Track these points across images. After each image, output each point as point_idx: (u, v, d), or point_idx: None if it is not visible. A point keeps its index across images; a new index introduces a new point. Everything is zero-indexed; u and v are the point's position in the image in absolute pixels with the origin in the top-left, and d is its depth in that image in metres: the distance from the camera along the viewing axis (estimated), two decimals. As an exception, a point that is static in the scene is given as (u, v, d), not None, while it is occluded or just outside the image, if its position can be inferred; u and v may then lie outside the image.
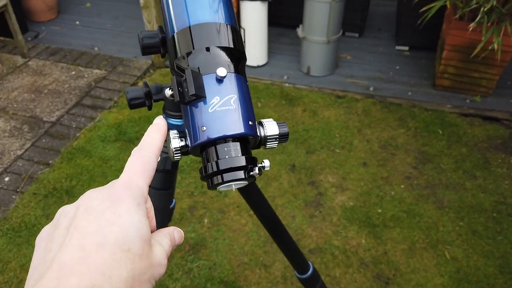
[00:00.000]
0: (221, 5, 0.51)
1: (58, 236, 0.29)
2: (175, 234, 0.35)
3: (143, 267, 0.29)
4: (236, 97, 0.45)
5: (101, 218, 0.29)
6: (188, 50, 0.47)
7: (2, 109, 2.42)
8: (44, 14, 3.31)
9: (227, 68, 0.46)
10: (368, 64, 2.87)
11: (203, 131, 0.43)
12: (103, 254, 0.27)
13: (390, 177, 2.05)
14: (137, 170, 0.33)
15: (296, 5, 3.00)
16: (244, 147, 0.44)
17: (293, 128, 2.31)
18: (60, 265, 0.27)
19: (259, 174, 0.44)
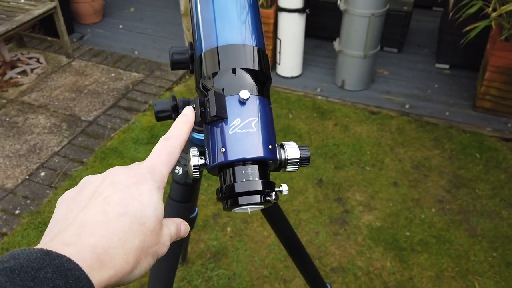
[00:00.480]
0: (250, 27, 0.51)
1: (82, 199, 0.32)
2: (182, 226, 0.38)
3: (152, 241, 0.32)
4: (258, 120, 0.45)
5: (125, 191, 0.32)
6: (214, 71, 0.47)
7: (44, 106, 2.53)
8: (90, 17, 3.45)
9: (251, 90, 0.45)
10: (405, 80, 2.80)
11: (222, 152, 0.43)
12: (122, 222, 0.30)
13: (421, 199, 1.97)
14: (162, 159, 0.36)
15: (334, 18, 2.98)
16: (262, 170, 0.44)
17: (322, 142, 2.28)
18: (81, 223, 0.29)
19: (276, 200, 0.43)
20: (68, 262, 0.25)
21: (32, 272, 0.23)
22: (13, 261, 0.23)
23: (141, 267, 0.31)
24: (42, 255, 0.24)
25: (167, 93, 2.69)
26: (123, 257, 0.29)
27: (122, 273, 0.29)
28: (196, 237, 1.79)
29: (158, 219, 0.32)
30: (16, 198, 1.96)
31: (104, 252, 0.28)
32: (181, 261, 1.68)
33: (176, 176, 0.71)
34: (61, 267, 0.24)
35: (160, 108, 0.64)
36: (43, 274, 0.23)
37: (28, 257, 0.24)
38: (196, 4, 0.52)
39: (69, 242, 0.27)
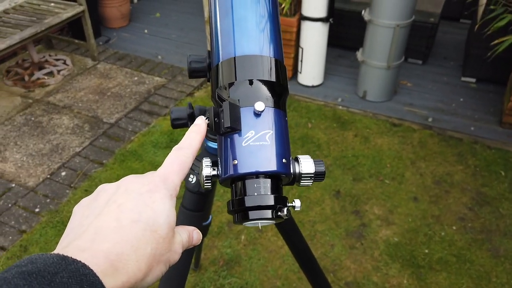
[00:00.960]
0: (268, 38, 0.50)
1: (97, 206, 0.33)
2: (194, 234, 0.39)
3: (164, 249, 0.32)
4: (272, 132, 0.44)
5: (139, 199, 0.32)
6: (231, 81, 0.46)
7: (68, 107, 2.59)
8: (117, 21, 3.53)
9: (267, 102, 0.45)
10: (429, 93, 2.74)
11: (234, 165, 0.43)
12: (135, 229, 0.30)
13: (442, 216, 1.92)
14: (175, 168, 0.37)
15: (358, 28, 2.95)
16: (275, 185, 0.43)
17: (341, 153, 2.25)
18: (96, 229, 0.30)
19: (287, 216, 0.42)
20: (84, 268, 0.25)
21: (48, 276, 0.23)
22: (30, 265, 0.24)
23: (153, 274, 0.31)
24: (58, 260, 0.25)
25: (188, 98, 2.72)
26: (136, 264, 0.29)
27: (134, 279, 0.29)
28: (210, 244, 1.78)
29: (170, 227, 0.33)
30: (37, 196, 2.00)
31: (118, 258, 0.28)
32: (194, 267, 1.67)
33: (190, 185, 0.71)
34: (76, 272, 0.25)
35: (177, 115, 0.64)
36: (59, 279, 0.24)
37: (45, 261, 0.24)
38: (215, 13, 0.52)
39: (84, 248, 0.28)
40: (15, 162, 2.18)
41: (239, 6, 0.50)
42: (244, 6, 0.50)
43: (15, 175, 2.10)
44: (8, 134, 2.36)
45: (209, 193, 0.73)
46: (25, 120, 2.47)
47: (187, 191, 0.71)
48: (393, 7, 2.28)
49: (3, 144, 2.29)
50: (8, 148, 2.27)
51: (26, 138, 2.34)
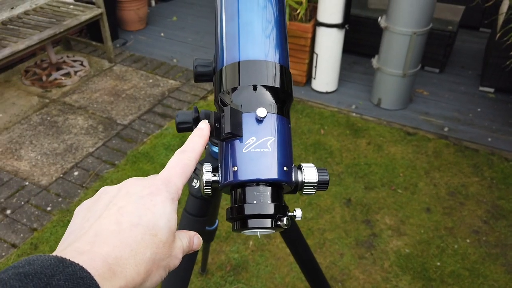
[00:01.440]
0: (274, 43, 0.49)
1: (97, 209, 0.32)
2: (195, 239, 0.38)
3: (164, 253, 0.32)
4: (274, 139, 0.43)
5: (139, 202, 0.32)
6: (234, 86, 0.46)
7: (83, 107, 2.63)
8: (134, 24, 3.57)
9: (270, 108, 0.44)
10: (446, 102, 2.69)
11: (234, 171, 0.42)
12: (135, 232, 0.30)
13: (455, 228, 1.87)
14: (177, 171, 0.37)
15: (374, 34, 2.92)
16: (275, 193, 0.42)
17: (354, 161, 2.22)
18: (96, 232, 0.29)
19: (287, 226, 0.41)
20: (81, 271, 0.25)
21: (45, 278, 0.23)
22: (28, 266, 0.24)
23: (152, 280, 0.31)
24: (56, 262, 0.24)
25: (201, 102, 2.73)
26: (134, 268, 0.29)
27: (132, 284, 0.28)
28: (217, 248, 1.77)
29: (170, 231, 0.32)
30: (49, 195, 2.02)
31: (116, 262, 0.28)
32: (201, 272, 1.67)
33: (193, 189, 0.70)
34: (73, 275, 0.24)
35: (182, 119, 0.63)
36: (56, 281, 0.23)
37: (42, 263, 0.24)
38: (221, 17, 0.52)
39: (83, 251, 0.27)
40: (29, 161, 2.21)
41: (245, 10, 0.50)
42: (250, 10, 0.50)
43: (29, 173, 2.13)
44: (24, 133, 2.41)
45: (213, 198, 0.72)
46: (41, 120, 2.51)
47: (190, 196, 0.70)
48: (410, 15, 2.25)
49: (19, 142, 2.34)
50: (23, 146, 2.31)
51: (41, 137, 2.38)
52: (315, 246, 1.79)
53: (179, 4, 4.09)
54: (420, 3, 2.21)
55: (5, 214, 1.92)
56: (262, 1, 0.50)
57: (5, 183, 2.07)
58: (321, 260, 1.74)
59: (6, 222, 1.88)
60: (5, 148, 2.29)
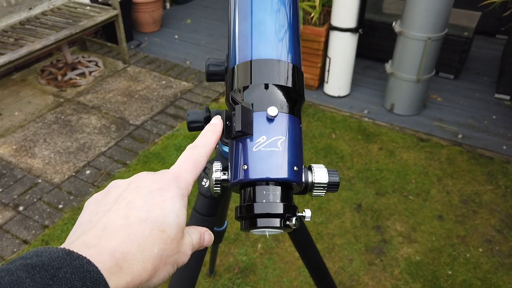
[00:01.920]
0: (287, 43, 0.49)
1: (107, 203, 0.32)
2: (206, 235, 0.38)
3: (172, 250, 0.31)
4: (285, 139, 0.43)
5: (148, 197, 0.32)
6: (245, 84, 0.46)
7: (97, 107, 2.66)
8: (149, 26, 3.61)
9: (281, 108, 0.44)
10: (460, 109, 2.65)
11: (244, 170, 0.42)
12: (143, 228, 0.30)
13: (468, 237, 1.84)
14: (188, 167, 0.36)
15: (388, 39, 2.90)
16: (285, 193, 0.42)
17: (365, 166, 2.20)
18: (104, 226, 0.29)
19: (296, 226, 0.41)
20: (88, 264, 0.25)
21: (52, 270, 0.23)
22: (35, 258, 0.24)
23: (159, 276, 0.31)
24: (63, 255, 0.24)
25: (213, 103, 2.74)
26: (141, 264, 0.28)
27: (139, 280, 0.28)
28: (226, 250, 1.77)
29: (179, 227, 0.32)
30: (61, 193, 2.05)
31: (123, 257, 0.28)
32: (209, 273, 1.67)
33: (202, 189, 0.70)
34: (80, 268, 0.24)
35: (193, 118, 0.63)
36: (63, 274, 0.23)
37: (50, 255, 0.24)
38: (234, 16, 0.52)
39: (90, 244, 0.27)
40: (43, 159, 2.24)
41: (258, 10, 0.50)
42: (263, 10, 0.50)
43: (42, 171, 2.16)
44: (38, 131, 2.45)
45: (222, 198, 0.72)
46: (56, 118, 2.55)
47: (200, 195, 0.70)
48: (425, 19, 2.23)
49: (33, 140, 2.37)
50: (37, 144, 2.34)
51: (55, 135, 2.41)
52: (324, 251, 1.78)
53: (193, 7, 4.13)
54: (436, 8, 2.19)
55: (17, 211, 1.95)
56: (275, 1, 0.50)
57: (19, 180, 2.10)
58: (330, 265, 1.73)
59: (19, 219, 1.91)
60: (19, 145, 2.33)
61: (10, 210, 1.95)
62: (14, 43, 2.46)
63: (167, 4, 4.07)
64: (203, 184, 0.70)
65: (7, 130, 2.45)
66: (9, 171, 2.15)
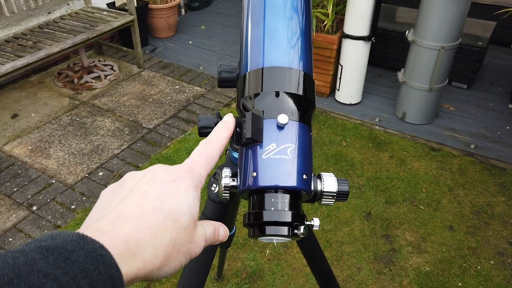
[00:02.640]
0: (298, 51, 0.49)
1: (122, 192, 0.33)
2: (221, 229, 0.38)
3: (184, 239, 0.32)
4: (294, 147, 0.43)
5: (163, 187, 0.32)
6: (257, 92, 0.46)
7: (111, 110, 2.71)
8: (164, 31, 3.66)
9: (292, 115, 0.44)
10: (473, 119, 2.63)
11: (253, 177, 0.42)
12: (156, 216, 0.30)
13: (479, 248, 1.82)
14: (201, 160, 0.37)
15: (401, 48, 2.90)
16: (293, 201, 0.42)
17: (375, 174, 2.19)
18: (118, 214, 0.30)
19: (304, 235, 0.41)
20: (101, 249, 0.25)
21: (65, 253, 0.24)
22: (50, 240, 0.24)
23: (171, 265, 0.31)
24: (77, 239, 0.25)
25: (225, 109, 2.76)
26: (153, 251, 0.29)
27: (150, 266, 0.29)
28: (234, 255, 1.78)
29: (192, 218, 0.33)
30: (74, 194, 2.09)
31: (135, 243, 0.28)
32: (217, 277, 1.68)
33: (212, 194, 0.71)
34: (93, 252, 0.25)
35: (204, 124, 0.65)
36: (76, 257, 0.24)
37: (64, 238, 0.25)
38: (247, 23, 0.52)
39: (104, 231, 0.28)
40: (57, 160, 2.29)
41: (271, 17, 0.50)
42: (276, 17, 0.50)
43: (56, 171, 2.21)
44: (54, 132, 2.50)
45: (231, 203, 0.73)
46: (71, 120, 2.60)
47: (209, 200, 0.71)
48: (439, 29, 2.23)
49: (49, 141, 2.42)
50: (52, 145, 2.39)
51: (70, 137, 2.46)
52: (332, 259, 1.78)
53: (208, 14, 4.17)
54: (450, 17, 2.18)
55: (31, 210, 1.99)
56: (288, 9, 0.51)
57: (33, 180, 2.15)
58: (338, 273, 1.72)
59: (32, 218, 1.95)
60: (35, 146, 2.38)
61: (24, 209, 1.99)
62: (33, 46, 2.52)
63: (182, 10, 4.13)
64: (212, 190, 0.71)
65: (24, 131, 2.51)
66: (24, 171, 2.20)
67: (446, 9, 2.16)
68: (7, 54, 2.42)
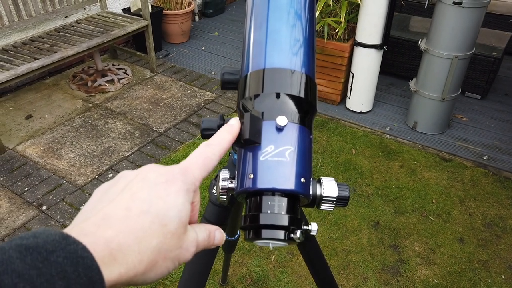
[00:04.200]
0: (301, 53, 0.49)
1: (113, 192, 0.32)
2: (216, 233, 0.37)
3: (172, 245, 0.31)
4: (293, 149, 0.42)
5: (153, 189, 0.31)
6: (257, 93, 0.46)
7: (123, 113, 2.74)
8: (178, 37, 3.70)
9: (292, 118, 0.43)
10: (486, 130, 2.59)
11: (250, 179, 0.41)
12: (143, 220, 0.29)
13: (490, 262, 1.78)
14: (198, 163, 0.36)
15: (413, 57, 2.88)
16: (291, 204, 0.41)
17: (384, 183, 2.16)
18: (104, 215, 0.29)
19: (300, 240, 0.40)
20: (83, 250, 0.25)
21: (45, 253, 0.23)
22: (32, 239, 0.24)
23: (157, 271, 0.30)
24: (60, 238, 0.24)
25: (235, 114, 2.76)
26: (137, 256, 0.28)
27: (133, 272, 0.28)
28: (239, 260, 1.77)
29: (181, 222, 0.31)
30: (83, 194, 2.11)
31: (118, 247, 0.27)
32: (221, 282, 1.67)
33: (213, 196, 0.71)
34: (74, 253, 0.24)
35: (207, 125, 0.64)
36: (55, 258, 0.23)
37: (47, 237, 0.24)
38: (250, 24, 0.52)
39: (88, 232, 0.27)
40: (68, 160, 2.32)
41: (274, 19, 0.50)
42: (279, 19, 0.50)
43: (67, 172, 2.24)
44: (66, 133, 2.53)
45: (232, 206, 0.72)
46: (83, 122, 2.64)
47: (210, 203, 0.71)
48: (452, 38, 2.21)
49: (61, 142, 2.46)
50: (64, 147, 2.43)
51: (81, 139, 2.49)
52: (339, 268, 1.76)
53: (221, 21, 4.21)
54: (463, 27, 2.16)
55: (40, 210, 2.01)
56: (292, 11, 0.51)
57: (44, 180, 2.18)
58: (344, 283, 1.70)
59: (41, 218, 1.97)
60: (47, 147, 2.42)
61: (33, 208, 2.02)
62: (49, 49, 2.57)
63: (196, 17, 4.17)
64: (213, 192, 0.71)
65: (37, 132, 2.55)
66: (35, 171, 2.24)
67: (460, 18, 2.14)
68: (24, 56, 2.48)
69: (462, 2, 2.08)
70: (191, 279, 0.72)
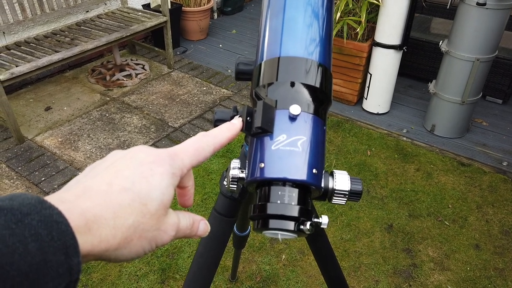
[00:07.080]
0: (317, 42, 0.48)
1: (100, 168, 0.32)
2: (201, 224, 0.36)
3: (150, 225, 0.31)
4: (306, 139, 0.41)
5: (138, 169, 0.31)
6: (271, 81, 0.45)
7: (140, 108, 2.76)
8: (196, 34, 3.72)
9: (306, 107, 0.42)
10: (507, 135, 2.52)
11: (261, 168, 0.40)
12: (123, 196, 0.29)
13: (507, 270, 1.73)
14: (189, 150, 0.36)
15: (433, 59, 2.83)
16: (302, 195, 0.40)
17: (400, 186, 2.13)
18: (85, 188, 0.30)
19: (310, 231, 0.39)
20: (58, 215, 0.24)
21: (19, 215, 0.23)
22: (8, 201, 0.24)
23: (132, 248, 0.30)
24: (35, 202, 0.24)
25: (250, 112, 2.76)
26: (111, 230, 0.28)
27: (106, 245, 0.28)
28: (249, 257, 1.77)
29: (162, 204, 0.31)
30: (98, 186, 2.13)
31: (94, 219, 0.27)
32: (231, 279, 1.67)
33: (224, 188, 0.71)
34: (49, 218, 0.24)
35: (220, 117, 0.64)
36: (29, 220, 0.23)
37: (23, 201, 0.24)
38: (266, 13, 0.52)
39: (65, 200, 0.27)
40: (85, 152, 2.35)
41: (290, 7, 0.49)
42: (295, 8, 0.49)
43: (83, 164, 2.27)
44: (83, 126, 2.57)
45: (242, 199, 0.72)
46: (100, 116, 2.67)
47: (220, 194, 0.71)
48: (474, 40, 2.16)
49: (78, 134, 2.50)
50: (81, 139, 2.46)
51: (98, 132, 2.53)
52: (350, 269, 1.73)
53: (240, 19, 4.21)
54: (486, 29, 2.11)
55: (57, 200, 2.04)
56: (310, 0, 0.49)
57: (61, 171, 2.22)
58: (355, 285, 1.68)
59: (57, 207, 2.00)
60: (65, 138, 2.46)
61: (50, 198, 2.05)
62: (70, 42, 2.61)
63: (214, 14, 4.19)
64: (224, 184, 0.71)
65: (55, 123, 2.59)
66: (52, 162, 2.28)
67: (483, 20, 2.09)
68: (45, 48, 2.52)
69: (486, 3, 2.03)
70: (200, 271, 0.72)
